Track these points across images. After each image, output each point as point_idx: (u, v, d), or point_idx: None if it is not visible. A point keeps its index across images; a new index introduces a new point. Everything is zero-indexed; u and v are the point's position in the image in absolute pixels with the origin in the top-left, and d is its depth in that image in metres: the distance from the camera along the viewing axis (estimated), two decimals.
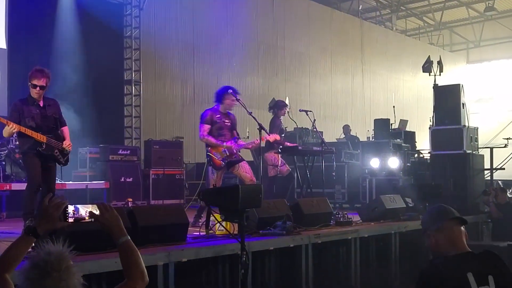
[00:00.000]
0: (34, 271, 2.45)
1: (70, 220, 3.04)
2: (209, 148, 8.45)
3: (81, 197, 10.96)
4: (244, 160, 8.67)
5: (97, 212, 3.04)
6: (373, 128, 13.72)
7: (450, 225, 3.44)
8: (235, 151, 8.49)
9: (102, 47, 14.44)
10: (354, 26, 25.35)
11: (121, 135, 15.21)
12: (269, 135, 9.02)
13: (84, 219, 3.12)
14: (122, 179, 12.26)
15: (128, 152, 12.81)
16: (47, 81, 7.13)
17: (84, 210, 3.10)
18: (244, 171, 8.57)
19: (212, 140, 8.38)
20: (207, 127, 8.48)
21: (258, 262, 6.61)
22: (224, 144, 8.38)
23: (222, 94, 8.66)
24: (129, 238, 3.01)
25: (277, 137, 9.41)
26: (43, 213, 2.92)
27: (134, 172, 12.57)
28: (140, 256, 3.00)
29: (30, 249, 2.93)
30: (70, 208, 3.04)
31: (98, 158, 12.53)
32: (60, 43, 13.60)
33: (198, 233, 6.88)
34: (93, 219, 3.04)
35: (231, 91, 8.63)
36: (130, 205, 11.27)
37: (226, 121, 8.60)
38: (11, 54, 12.61)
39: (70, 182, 11.69)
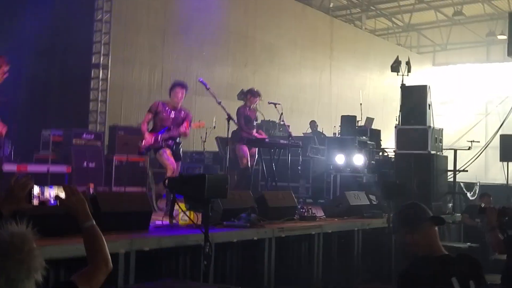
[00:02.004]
0: None
1: (35, 202, 2.95)
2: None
3: (42, 180, 10.73)
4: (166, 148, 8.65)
5: (63, 194, 2.97)
6: (339, 125, 13.75)
7: (428, 225, 3.39)
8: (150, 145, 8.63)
9: (71, 30, 14.21)
10: (324, 23, 25.41)
11: (85, 119, 14.96)
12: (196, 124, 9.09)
13: (50, 201, 3.01)
14: (85, 164, 12.02)
15: (92, 136, 12.57)
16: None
17: (50, 192, 3.00)
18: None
19: (143, 129, 8.69)
20: (148, 115, 8.77)
21: (220, 253, 6.54)
22: (146, 134, 8.60)
23: (170, 88, 8.84)
24: (94, 223, 2.94)
25: (202, 124, 9.35)
26: (8, 193, 2.84)
27: (97, 158, 12.34)
28: (104, 242, 2.94)
29: None
30: (36, 190, 2.94)
31: (61, 141, 12.27)
32: (29, 24, 13.34)
33: (161, 222, 6.80)
34: (58, 202, 2.96)
35: (178, 86, 8.69)
36: (91, 191, 11.10)
37: (172, 115, 8.64)
38: None
39: (32, 164, 11.48)
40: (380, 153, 13.28)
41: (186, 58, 18.27)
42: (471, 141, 11.81)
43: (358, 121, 13.72)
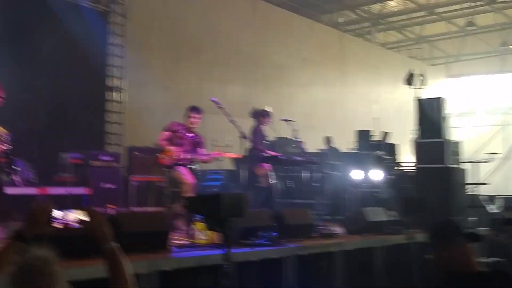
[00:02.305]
0: (19, 276, 2.39)
1: (57, 225, 2.97)
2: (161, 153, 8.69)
3: (61, 202, 10.77)
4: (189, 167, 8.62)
5: (84, 217, 2.98)
6: (354, 140, 13.69)
7: (464, 242, 3.33)
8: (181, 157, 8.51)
9: (86, 54, 14.34)
10: (334, 38, 25.43)
11: (102, 141, 15.06)
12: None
13: (72, 224, 3.03)
14: (104, 185, 12.08)
15: (110, 158, 12.64)
16: None
17: (72, 215, 3.01)
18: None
19: (164, 144, 8.71)
20: (166, 133, 8.74)
21: (240, 273, 6.52)
22: (171, 148, 8.53)
23: (186, 111, 8.79)
24: (116, 244, 2.95)
25: (233, 155, 9.42)
26: (31, 218, 2.85)
27: (115, 179, 12.39)
28: (127, 263, 2.94)
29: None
30: (57, 213, 2.95)
31: (79, 163, 12.34)
32: (45, 50, 13.47)
33: (181, 241, 6.79)
34: (80, 224, 2.97)
35: (193, 111, 8.70)
36: (110, 212, 11.12)
37: (189, 135, 8.65)
38: None
39: (52, 187, 11.54)
40: (398, 168, 13.19)
41: (198, 78, 18.37)
42: (490, 153, 11.69)
43: (373, 135, 13.65)
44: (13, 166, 10.64)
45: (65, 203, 10.77)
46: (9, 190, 10.46)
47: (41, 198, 10.58)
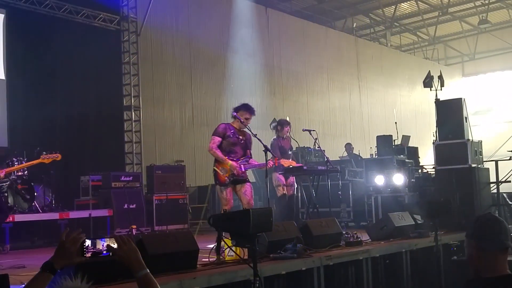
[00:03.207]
0: None
1: (88, 255, 2.94)
2: (216, 164, 8.11)
3: (84, 226, 10.82)
4: (249, 182, 8.41)
5: (115, 245, 2.95)
6: (375, 145, 13.64)
7: (501, 251, 3.20)
8: (241, 172, 8.23)
9: (101, 74, 14.46)
10: (349, 44, 25.43)
11: (122, 161, 15.12)
12: (280, 160, 8.84)
13: (102, 253, 3.00)
14: (126, 206, 12.08)
15: (131, 178, 12.66)
16: None
17: (102, 244, 2.99)
18: (245, 192, 8.25)
19: (219, 154, 8.01)
20: (217, 139, 8.05)
21: (269, 286, 6.47)
22: (229, 162, 8.06)
23: (237, 109, 8.28)
24: (148, 271, 2.92)
25: (293, 162, 9.23)
26: (60, 248, 2.83)
27: (137, 198, 12.42)
28: None
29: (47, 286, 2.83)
30: (87, 242, 2.94)
31: (100, 185, 12.38)
32: (60, 73, 13.59)
33: (207, 260, 6.76)
34: (111, 253, 2.95)
35: (247, 111, 8.31)
36: (134, 232, 11.13)
37: (240, 137, 8.29)
38: (10, 84, 12.55)
39: (73, 211, 11.59)
40: (420, 171, 13.11)
41: (215, 92, 18.40)
42: (511, 151, 11.56)
43: (394, 140, 13.60)
44: (30, 192, 10.73)
45: (87, 226, 10.89)
46: (27, 217, 10.56)
47: (71, 226, 10.63)
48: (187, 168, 14.26)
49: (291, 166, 9.84)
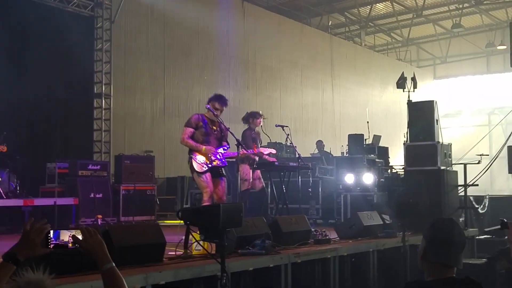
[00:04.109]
0: None
1: (52, 246, 2.84)
2: (191, 152, 8.10)
3: (49, 214, 10.65)
4: (224, 177, 8.39)
5: (80, 236, 2.86)
6: (347, 143, 13.64)
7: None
8: (218, 157, 8.19)
9: (72, 60, 14.21)
10: (323, 41, 25.47)
11: (90, 149, 14.91)
12: (259, 148, 8.82)
13: (67, 245, 2.90)
14: (92, 195, 11.88)
15: (98, 167, 12.45)
16: None
17: (67, 235, 2.89)
18: (218, 188, 8.26)
19: (192, 143, 8.03)
20: (189, 130, 8.08)
21: (236, 282, 6.40)
22: (203, 146, 8.02)
23: (209, 100, 8.34)
24: (114, 265, 2.83)
25: (273, 150, 9.26)
26: (24, 239, 2.72)
27: (104, 188, 12.22)
28: (125, 283, 2.82)
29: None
30: (52, 233, 2.84)
31: (66, 173, 12.16)
32: (29, 57, 13.29)
33: (174, 253, 6.66)
34: (77, 245, 2.85)
35: (218, 101, 8.27)
36: (100, 222, 10.98)
37: (214, 128, 8.29)
38: None
39: (38, 198, 11.37)
40: (389, 171, 13.14)
41: (188, 83, 18.25)
42: (480, 155, 11.65)
43: (366, 139, 13.62)
44: None
45: (52, 214, 10.68)
46: None
47: (35, 214, 10.47)
48: (157, 159, 14.11)
49: (268, 156, 9.81)
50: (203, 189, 8.09)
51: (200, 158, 8.05)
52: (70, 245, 2.88)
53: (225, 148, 8.29)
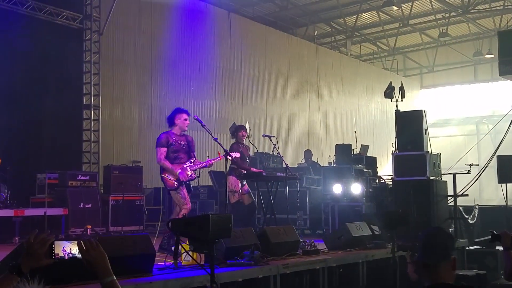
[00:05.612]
0: None
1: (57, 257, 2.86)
2: (163, 171, 8.42)
3: (39, 224, 10.66)
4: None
5: (75, 249, 2.87)
6: (334, 153, 13.65)
7: (447, 265, 3.25)
8: (188, 175, 8.41)
9: (61, 72, 14.24)
10: (309, 51, 25.53)
11: (79, 160, 14.91)
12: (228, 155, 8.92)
13: (69, 256, 2.92)
14: (81, 205, 11.95)
15: (87, 177, 12.52)
16: None
17: (69, 247, 2.91)
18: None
19: (168, 165, 8.32)
20: (163, 149, 8.39)
21: None
22: (177, 172, 8.30)
23: (172, 116, 8.64)
24: (115, 278, 2.85)
25: (238, 154, 9.36)
26: (28, 250, 2.74)
27: (93, 198, 12.27)
28: None
29: None
30: (57, 244, 2.86)
31: (56, 184, 12.19)
32: (19, 67, 13.26)
33: (163, 263, 6.66)
34: (77, 256, 2.87)
35: (184, 113, 8.61)
36: (89, 232, 11.00)
37: (182, 142, 8.50)
38: None
39: (28, 209, 11.36)
40: (377, 181, 13.15)
41: (174, 94, 18.27)
42: (469, 164, 11.68)
43: (353, 149, 13.64)
44: None
45: (42, 224, 10.66)
46: None
47: (25, 224, 10.49)
48: (144, 169, 14.14)
49: (251, 172, 9.86)
50: (182, 205, 8.41)
51: (171, 176, 8.37)
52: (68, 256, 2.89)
53: (191, 161, 8.47)
